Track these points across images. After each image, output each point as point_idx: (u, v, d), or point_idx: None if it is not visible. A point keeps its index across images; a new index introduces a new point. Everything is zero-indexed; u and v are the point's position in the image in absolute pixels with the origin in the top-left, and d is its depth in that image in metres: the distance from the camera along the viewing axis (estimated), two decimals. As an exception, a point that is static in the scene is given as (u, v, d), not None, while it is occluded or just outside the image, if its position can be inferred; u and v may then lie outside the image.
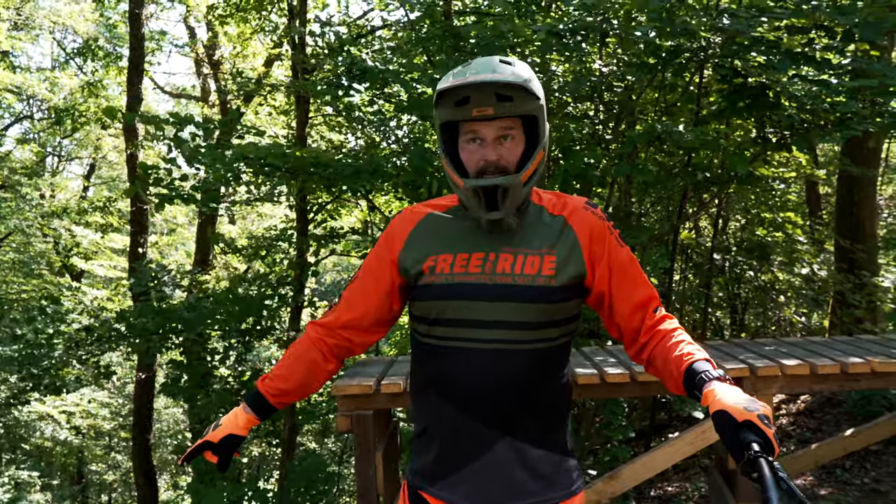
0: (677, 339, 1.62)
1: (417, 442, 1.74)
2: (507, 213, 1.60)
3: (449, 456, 1.65)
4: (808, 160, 7.82)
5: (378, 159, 5.36)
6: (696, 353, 1.57)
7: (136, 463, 10.38)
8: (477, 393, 1.61)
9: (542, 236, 1.66)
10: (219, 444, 1.81)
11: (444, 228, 1.71)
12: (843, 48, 5.09)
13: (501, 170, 1.58)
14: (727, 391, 1.42)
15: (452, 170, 1.62)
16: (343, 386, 3.76)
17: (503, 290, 1.60)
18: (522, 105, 1.56)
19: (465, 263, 1.63)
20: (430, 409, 1.69)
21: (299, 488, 6.59)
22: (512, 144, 1.60)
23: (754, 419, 1.34)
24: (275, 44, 11.32)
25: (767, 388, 3.81)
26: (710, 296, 7.54)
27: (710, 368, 1.51)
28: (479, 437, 1.62)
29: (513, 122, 1.59)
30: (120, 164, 16.89)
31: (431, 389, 1.68)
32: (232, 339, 7.85)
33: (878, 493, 4.98)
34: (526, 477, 1.62)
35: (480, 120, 1.57)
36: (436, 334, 1.65)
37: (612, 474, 4.05)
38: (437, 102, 1.60)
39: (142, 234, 10.22)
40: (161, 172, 5.33)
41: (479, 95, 1.54)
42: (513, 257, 1.63)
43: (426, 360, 1.70)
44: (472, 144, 1.61)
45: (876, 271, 7.58)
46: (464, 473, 1.63)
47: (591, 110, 5.98)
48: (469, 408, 1.62)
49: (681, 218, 6.50)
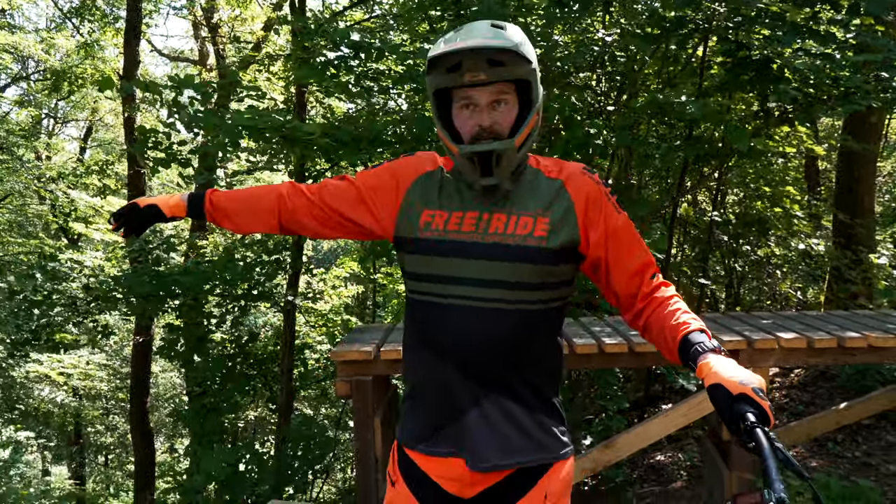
0: (674, 307, 1.63)
1: (408, 402, 1.76)
2: (502, 178, 1.61)
3: (437, 413, 1.67)
4: (810, 134, 7.80)
5: (377, 127, 5.32)
6: (693, 322, 1.58)
7: (134, 425, 10.45)
8: (467, 350, 1.62)
9: (538, 198, 1.66)
10: (143, 210, 1.87)
11: (445, 185, 1.71)
12: (847, 22, 5.04)
13: (495, 135, 1.58)
14: (722, 364, 1.43)
15: (447, 136, 1.63)
16: (343, 352, 3.78)
17: (494, 249, 1.61)
18: (515, 69, 1.56)
19: (459, 221, 1.65)
20: (420, 365, 1.71)
21: (296, 452, 6.66)
22: (506, 109, 1.60)
23: (749, 392, 1.35)
24: (273, 6, 11.18)
25: (764, 360, 3.84)
26: (707, 269, 7.57)
27: (705, 340, 1.52)
28: (468, 395, 1.63)
29: (506, 86, 1.59)
30: (117, 126, 16.76)
31: (421, 346, 1.69)
32: (228, 303, 7.88)
33: (869, 467, 5.05)
34: (513, 434, 1.63)
35: (473, 86, 1.57)
36: (425, 290, 1.67)
37: (607, 443, 4.11)
38: (429, 69, 1.59)
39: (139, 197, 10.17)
40: (160, 136, 5.29)
41: (471, 61, 1.54)
42: (506, 217, 1.64)
43: (416, 315, 1.71)
44: (465, 111, 1.61)
45: (873, 247, 7.61)
46: (450, 430, 1.65)
47: (594, 80, 5.94)
48: (458, 365, 1.62)
49: (680, 191, 6.49)
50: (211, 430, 7.38)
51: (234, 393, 7.81)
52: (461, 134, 1.62)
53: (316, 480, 7.72)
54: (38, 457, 17.93)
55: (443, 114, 1.65)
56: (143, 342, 10.02)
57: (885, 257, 7.50)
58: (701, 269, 7.41)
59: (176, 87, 4.95)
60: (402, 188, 1.73)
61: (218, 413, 7.62)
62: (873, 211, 7.87)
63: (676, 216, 6.89)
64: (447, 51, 1.52)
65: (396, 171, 1.76)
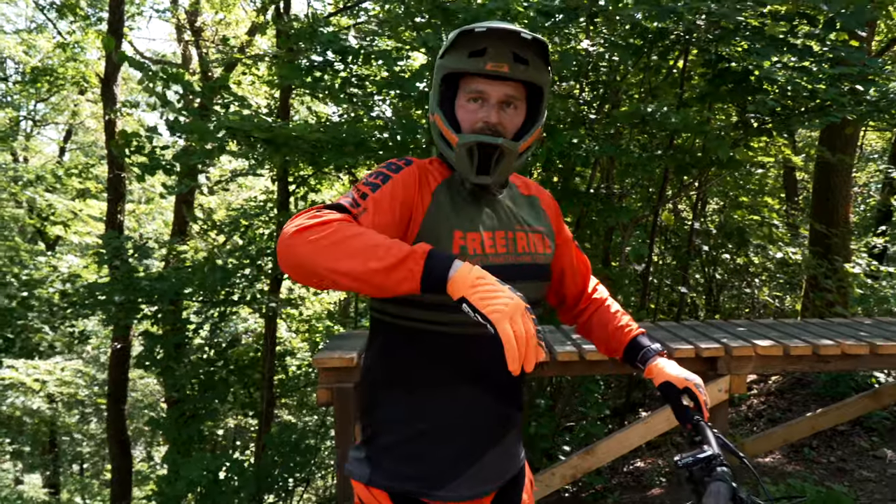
0: (613, 309, 1.83)
1: (409, 446, 1.56)
2: (496, 181, 1.55)
3: (472, 449, 1.58)
4: (787, 145, 7.92)
5: (362, 132, 5.34)
6: (633, 324, 1.79)
7: (111, 433, 10.34)
8: (508, 381, 1.57)
9: (529, 214, 1.70)
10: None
11: (463, 201, 1.58)
12: (824, 36, 5.15)
13: (499, 135, 1.52)
14: (668, 365, 1.68)
15: (447, 125, 1.54)
16: (324, 359, 3.78)
17: (525, 269, 1.59)
18: (535, 73, 1.52)
19: (493, 243, 1.56)
20: (446, 405, 1.56)
21: (277, 460, 6.63)
22: (514, 113, 1.55)
23: (691, 386, 1.63)
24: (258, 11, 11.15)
25: (742, 367, 3.89)
26: (687, 277, 7.64)
27: (651, 344, 1.73)
28: (498, 423, 1.62)
29: (519, 91, 1.54)
30: (98, 129, 16.61)
31: (446, 384, 1.55)
32: (207, 309, 7.84)
33: (844, 472, 5.12)
34: (514, 442, 1.69)
35: (491, 77, 1.50)
36: (465, 322, 1.40)
37: (588, 450, 4.13)
38: (449, 49, 1.51)
39: (119, 201, 10.09)
40: (142, 140, 5.26)
41: (498, 49, 1.48)
42: (525, 235, 1.63)
43: (438, 351, 1.54)
44: (473, 104, 1.53)
45: (848, 256, 7.73)
46: (486, 459, 1.59)
47: (577, 89, 6.00)
48: (496, 397, 1.59)
49: (661, 200, 6.57)
50: (190, 437, 7.33)
51: (214, 400, 7.76)
52: (462, 126, 1.54)
53: (296, 489, 7.68)
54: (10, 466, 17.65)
55: (446, 102, 1.57)
56: (121, 348, 9.92)
57: (859, 266, 7.62)
58: (681, 276, 7.49)
59: (164, 80, 4.92)
60: (426, 196, 1.55)
61: (197, 420, 7.57)
62: (848, 221, 8.00)
63: (657, 224, 6.96)
64: (481, 27, 1.44)
65: (418, 175, 1.55)
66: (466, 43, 1.49)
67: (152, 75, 4.94)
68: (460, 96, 1.55)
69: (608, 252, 6.70)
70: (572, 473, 4.15)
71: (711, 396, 3.87)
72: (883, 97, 5.06)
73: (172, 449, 7.55)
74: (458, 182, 1.59)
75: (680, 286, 7.35)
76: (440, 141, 1.57)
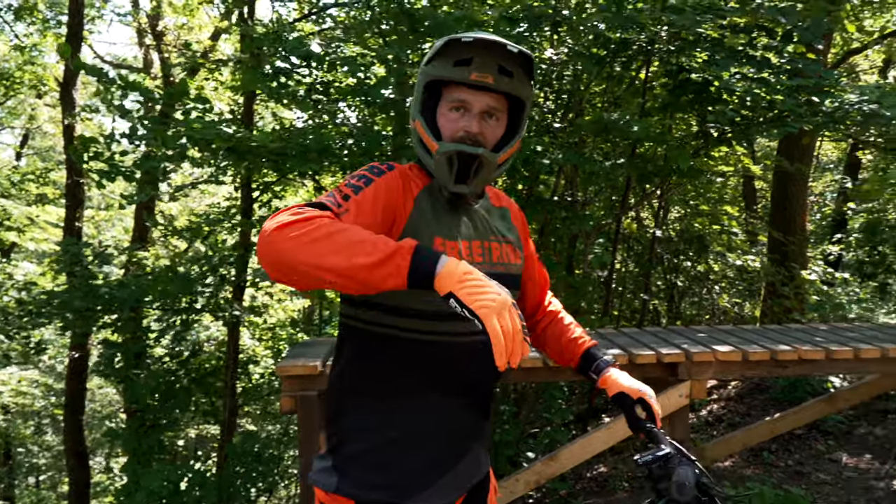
0: (567, 321, 1.89)
1: (377, 454, 1.54)
2: (473, 191, 1.56)
3: (443, 458, 1.58)
4: (746, 154, 8.09)
5: (327, 139, 5.31)
6: (585, 335, 1.85)
7: (68, 444, 10.11)
8: (483, 387, 1.62)
9: (501, 225, 1.71)
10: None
11: (443, 209, 1.57)
12: (782, 48, 5.27)
13: (479, 146, 1.51)
14: (621, 376, 1.73)
15: (428, 132, 1.54)
16: (288, 366, 3.75)
17: (500, 279, 1.53)
18: (520, 86, 1.53)
19: (470, 252, 1.56)
20: (417, 413, 1.55)
21: (239, 469, 6.54)
22: (495, 124, 1.55)
23: (644, 396, 1.68)
24: (223, 15, 11.07)
25: (702, 373, 3.95)
26: (650, 284, 7.74)
27: (603, 356, 1.79)
28: (474, 430, 1.64)
29: (501, 103, 1.55)
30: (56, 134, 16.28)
31: (421, 390, 1.55)
32: (168, 317, 7.71)
33: (801, 475, 5.23)
34: (482, 446, 1.71)
35: (475, 87, 1.50)
36: (441, 329, 1.51)
37: (551, 456, 4.15)
38: (435, 57, 1.51)
39: (77, 207, 9.90)
40: (100, 147, 5.16)
41: (484, 60, 1.48)
42: (499, 246, 1.65)
43: (413, 358, 1.53)
44: (455, 112, 1.53)
45: (805, 264, 7.91)
46: (457, 468, 1.60)
47: (541, 98, 6.05)
48: (472, 404, 1.61)
49: (624, 208, 6.65)
50: (150, 447, 7.20)
51: (175, 409, 7.64)
52: (442, 134, 1.54)
53: (259, 499, 7.59)
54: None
55: (427, 109, 1.56)
56: (78, 357, 9.72)
57: (815, 273, 7.80)
58: (643, 283, 7.58)
59: (122, 87, 4.83)
60: (409, 201, 1.54)
61: (157, 430, 7.44)
62: (805, 229, 8.19)
63: (620, 232, 7.04)
64: (469, 36, 1.44)
65: (400, 179, 1.54)
66: (452, 52, 1.49)
67: (109, 82, 4.85)
68: (442, 104, 1.55)
69: (572, 259, 6.76)
70: (536, 479, 4.17)
71: (673, 402, 3.92)
72: (838, 108, 5.19)
73: (132, 460, 7.40)
74: (437, 189, 1.59)
75: (642, 293, 7.44)
76: (420, 147, 1.57)
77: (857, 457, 5.41)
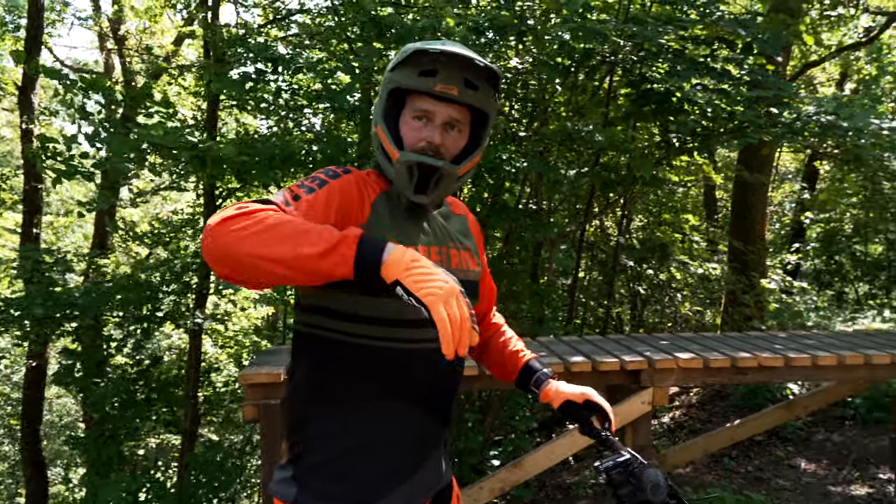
0: (508, 334, 1.88)
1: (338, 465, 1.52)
2: (432, 201, 1.55)
3: (403, 466, 1.57)
4: (708, 164, 8.23)
5: (292, 146, 5.28)
6: (525, 349, 1.84)
7: (25, 455, 9.84)
8: (442, 394, 1.61)
9: (459, 232, 1.71)
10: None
11: (401, 215, 1.56)
12: (742, 60, 5.38)
13: (440, 157, 1.51)
14: (561, 384, 1.72)
15: (390, 140, 1.52)
16: (251, 374, 3.71)
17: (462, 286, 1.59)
18: (484, 99, 1.52)
19: (429, 258, 1.45)
20: (377, 422, 1.53)
21: (201, 480, 6.44)
22: (457, 136, 1.55)
23: (590, 396, 1.68)
24: (186, 21, 10.94)
25: (664, 380, 3.99)
26: (613, 292, 7.82)
27: (543, 368, 1.77)
28: (432, 439, 1.63)
29: (465, 115, 1.54)
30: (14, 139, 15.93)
31: (384, 398, 1.52)
32: (129, 325, 7.58)
33: (761, 481, 5.31)
34: (443, 455, 1.69)
35: (440, 98, 1.49)
36: (390, 335, 1.49)
37: (515, 463, 4.16)
38: (398, 66, 1.51)
39: (35, 213, 9.68)
40: (60, 147, 5.06)
41: (450, 72, 1.47)
42: (458, 252, 1.64)
43: (374, 365, 1.51)
44: (417, 122, 1.52)
45: (764, 272, 8.06)
46: (416, 476, 1.58)
47: (506, 107, 6.09)
48: (433, 410, 1.60)
49: (587, 216, 6.71)
50: (109, 458, 7.06)
51: (135, 419, 7.50)
52: (404, 143, 1.52)
53: (221, 508, 7.48)
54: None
55: (390, 115, 1.55)
56: (36, 366, 9.50)
57: (774, 282, 7.95)
58: (607, 291, 7.65)
59: (84, 89, 4.74)
60: (366, 206, 1.52)
61: (117, 440, 7.30)
62: (765, 238, 8.35)
63: (584, 240, 7.10)
64: (435, 48, 1.44)
65: (357, 184, 1.51)
66: (419, 61, 1.48)
67: (70, 85, 4.75)
68: (406, 112, 1.54)
69: (536, 267, 6.80)
70: (500, 487, 4.17)
71: (635, 409, 3.95)
72: (797, 120, 5.31)
73: (91, 470, 7.25)
74: (396, 195, 1.57)
75: (606, 301, 7.51)
76: (380, 153, 1.56)
77: (815, 463, 5.52)
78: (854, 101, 6.31)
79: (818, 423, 6.12)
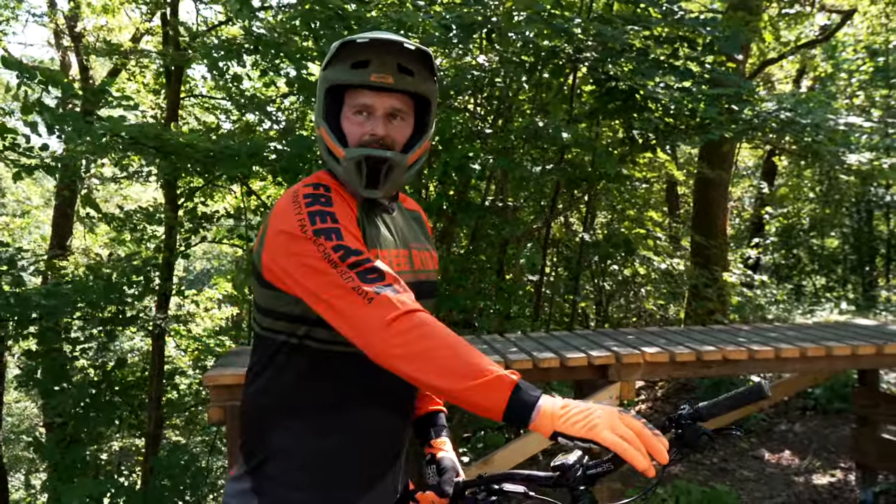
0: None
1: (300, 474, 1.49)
2: (386, 194, 1.52)
3: (365, 475, 1.55)
4: (670, 161, 8.33)
5: (258, 142, 5.22)
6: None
7: (-17, 461, 9.62)
8: (409, 398, 1.61)
9: (417, 231, 1.68)
10: None
11: (361, 218, 1.51)
12: (703, 59, 5.46)
13: (387, 148, 1.47)
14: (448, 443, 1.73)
15: (333, 139, 1.49)
16: (216, 376, 3.66)
17: (423, 287, 1.54)
18: (421, 84, 1.50)
19: (398, 261, 1.53)
20: (344, 429, 1.50)
21: (166, 482, 6.35)
22: (401, 125, 1.51)
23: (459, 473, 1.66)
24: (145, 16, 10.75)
25: (631, 374, 4.03)
26: (579, 288, 7.88)
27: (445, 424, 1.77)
28: (399, 446, 1.62)
29: (406, 103, 1.51)
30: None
31: (360, 404, 1.51)
32: (93, 328, 7.43)
33: (726, 472, 5.40)
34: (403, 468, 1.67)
35: (376, 89, 1.46)
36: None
37: (485, 460, 4.17)
38: (331, 61, 1.47)
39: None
40: (20, 138, 4.93)
41: (381, 60, 1.44)
42: (419, 253, 1.62)
43: (342, 373, 1.48)
44: (359, 116, 1.49)
45: (726, 267, 8.19)
46: (377, 488, 1.57)
47: (472, 104, 6.10)
48: (403, 413, 1.60)
49: (553, 213, 6.75)
50: (73, 462, 6.91)
51: (98, 423, 7.36)
52: (348, 140, 1.49)
53: (187, 511, 7.37)
54: None
55: (331, 115, 1.51)
56: (-7, 370, 9.27)
57: (736, 276, 8.08)
58: (573, 287, 7.71)
59: (43, 82, 4.62)
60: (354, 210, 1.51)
61: (80, 444, 7.16)
62: (726, 233, 8.48)
63: (550, 237, 7.15)
64: (362, 38, 1.42)
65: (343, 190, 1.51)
66: (349, 54, 1.45)
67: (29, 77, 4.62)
68: (346, 109, 1.51)
69: (503, 264, 6.82)
70: (470, 484, 4.17)
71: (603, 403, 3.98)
72: (756, 117, 5.40)
73: (53, 476, 7.09)
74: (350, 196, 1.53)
75: (572, 296, 7.57)
76: (327, 155, 1.52)
77: (778, 453, 5.63)
78: (811, 97, 6.45)
79: (780, 413, 6.25)
